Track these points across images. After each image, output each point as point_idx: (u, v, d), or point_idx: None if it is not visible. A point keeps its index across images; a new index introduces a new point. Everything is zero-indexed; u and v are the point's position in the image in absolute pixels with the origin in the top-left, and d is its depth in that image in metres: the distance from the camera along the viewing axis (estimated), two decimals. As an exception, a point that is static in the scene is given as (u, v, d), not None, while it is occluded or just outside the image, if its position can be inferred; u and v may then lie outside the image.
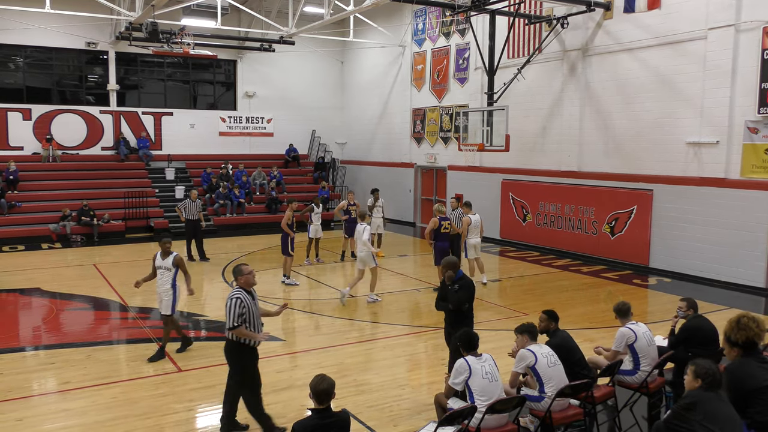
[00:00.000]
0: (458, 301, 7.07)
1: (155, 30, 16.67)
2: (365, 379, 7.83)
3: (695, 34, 13.48)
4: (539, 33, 17.06)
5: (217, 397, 7.30)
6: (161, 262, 8.64)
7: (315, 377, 4.68)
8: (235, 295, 6.04)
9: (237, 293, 6.07)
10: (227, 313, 6.00)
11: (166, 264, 8.61)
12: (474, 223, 13.12)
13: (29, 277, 14.07)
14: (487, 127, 15.02)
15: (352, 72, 26.41)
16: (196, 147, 24.23)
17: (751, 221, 12.68)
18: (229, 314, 5.98)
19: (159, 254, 8.70)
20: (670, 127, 14.12)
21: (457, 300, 7.07)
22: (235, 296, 6.03)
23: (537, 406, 5.81)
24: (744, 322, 4.81)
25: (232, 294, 6.07)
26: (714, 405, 4.24)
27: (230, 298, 6.03)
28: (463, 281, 7.16)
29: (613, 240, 15.47)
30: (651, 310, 11.65)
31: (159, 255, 8.69)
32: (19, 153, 21.38)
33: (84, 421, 6.69)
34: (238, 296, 6.03)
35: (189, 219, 15.88)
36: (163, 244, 8.67)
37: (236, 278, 6.22)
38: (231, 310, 5.97)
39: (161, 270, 8.64)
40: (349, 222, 15.99)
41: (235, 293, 6.07)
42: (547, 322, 6.53)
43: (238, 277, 6.19)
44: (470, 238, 13.12)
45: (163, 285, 8.62)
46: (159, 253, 8.70)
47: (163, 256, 8.65)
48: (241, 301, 6.00)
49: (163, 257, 8.65)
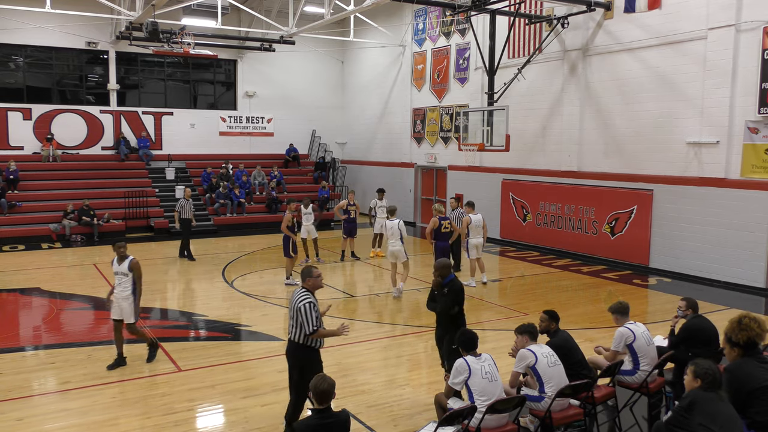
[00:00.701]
0: (445, 304, 7.02)
1: (155, 30, 16.67)
2: (365, 379, 7.83)
3: (695, 34, 13.48)
4: (539, 33, 17.06)
5: (217, 397, 7.33)
6: (117, 268, 8.22)
7: (315, 377, 4.70)
8: (307, 299, 5.95)
9: (308, 297, 5.98)
10: (304, 318, 5.87)
11: (122, 269, 8.19)
12: (475, 222, 13.12)
13: (29, 276, 14.07)
14: (488, 127, 15.02)
15: (352, 72, 26.41)
16: (197, 147, 24.24)
17: (751, 221, 12.68)
18: (306, 319, 5.87)
19: (115, 259, 8.27)
20: (670, 127, 14.12)
21: (444, 303, 7.03)
22: (307, 300, 5.93)
23: (537, 406, 5.81)
24: (745, 322, 4.81)
25: (303, 298, 5.95)
26: (714, 405, 4.25)
27: (303, 303, 5.90)
28: (452, 285, 7.07)
29: (613, 240, 15.47)
30: (651, 310, 11.65)
31: (115, 260, 8.26)
32: (19, 153, 21.38)
33: (84, 421, 6.69)
34: (310, 300, 5.96)
35: (186, 218, 15.92)
36: (118, 248, 8.21)
37: (304, 280, 6.14)
38: (308, 314, 5.87)
39: (118, 276, 8.23)
40: (348, 222, 15.99)
41: (305, 297, 5.97)
42: (548, 322, 6.54)
43: (307, 279, 6.11)
44: (472, 238, 13.12)
45: (122, 292, 8.21)
46: (115, 258, 8.27)
47: (119, 261, 8.22)
48: (314, 305, 5.94)
49: (119, 262, 8.22)
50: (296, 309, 5.92)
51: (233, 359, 8.64)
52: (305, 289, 6.08)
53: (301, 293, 6.02)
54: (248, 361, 8.62)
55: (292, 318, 6.02)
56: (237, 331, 10.16)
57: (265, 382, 7.73)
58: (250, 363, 8.55)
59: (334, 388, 4.64)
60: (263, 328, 10.23)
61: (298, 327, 5.95)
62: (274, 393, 7.39)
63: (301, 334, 5.95)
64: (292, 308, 6.00)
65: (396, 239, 12.38)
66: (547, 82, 17.08)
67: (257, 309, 11.48)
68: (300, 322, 5.90)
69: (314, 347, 6.06)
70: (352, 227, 15.99)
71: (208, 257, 16.49)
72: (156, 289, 13.01)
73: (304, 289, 6.07)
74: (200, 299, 12.19)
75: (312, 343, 6.02)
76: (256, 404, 7.08)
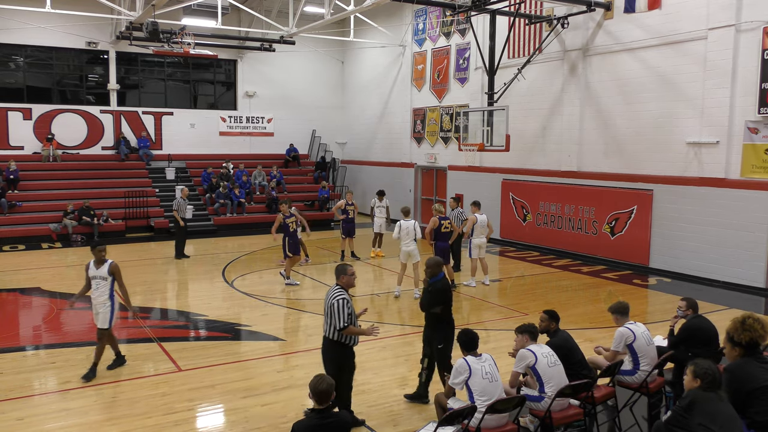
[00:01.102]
0: (427, 303, 6.95)
1: (156, 30, 16.68)
2: (365, 379, 7.83)
3: (695, 34, 13.48)
4: (539, 33, 17.06)
5: (217, 397, 7.33)
6: (95, 272, 7.92)
7: (314, 378, 4.70)
8: (341, 295, 6.07)
9: (341, 293, 6.10)
10: (336, 313, 5.98)
11: (101, 273, 7.91)
12: (480, 222, 13.12)
13: (29, 276, 14.07)
14: (488, 127, 15.03)
15: (352, 72, 26.41)
16: (197, 147, 24.24)
17: (751, 221, 12.68)
18: (338, 315, 5.98)
19: (92, 263, 7.96)
20: (670, 127, 14.13)
21: (426, 302, 6.96)
22: (340, 297, 6.05)
23: (537, 405, 5.82)
24: (749, 323, 4.82)
25: (336, 295, 6.07)
26: (713, 405, 4.25)
27: (335, 299, 6.02)
28: (437, 284, 6.95)
29: (613, 240, 15.47)
30: (651, 310, 11.65)
31: (92, 264, 7.95)
32: (19, 152, 21.38)
33: (84, 421, 6.69)
34: (344, 296, 6.07)
35: (183, 218, 15.97)
36: (99, 251, 7.91)
37: (338, 277, 6.26)
38: (340, 311, 5.98)
39: (96, 280, 7.92)
40: (347, 222, 16.00)
41: (339, 294, 6.09)
42: (548, 322, 6.54)
43: (341, 276, 6.23)
44: (475, 238, 13.12)
45: (99, 297, 7.93)
46: (92, 261, 7.97)
47: (98, 265, 7.92)
48: (347, 301, 6.05)
49: (97, 266, 7.92)
50: (329, 305, 6.06)
51: (233, 359, 8.64)
52: (339, 286, 6.21)
53: (335, 290, 6.15)
54: (248, 361, 8.63)
55: (326, 314, 6.14)
56: (237, 331, 10.16)
57: (264, 382, 7.73)
58: (250, 363, 8.56)
59: (334, 388, 4.64)
60: (263, 328, 10.24)
61: (330, 324, 6.07)
62: (274, 393, 7.39)
63: (334, 331, 6.06)
64: (326, 305, 6.12)
65: (411, 239, 12.42)
66: (547, 82, 17.08)
67: (257, 309, 11.48)
68: (332, 318, 6.01)
69: (347, 344, 6.17)
70: (350, 227, 15.99)
71: (208, 257, 16.50)
72: (156, 289, 13.02)
73: (338, 286, 6.21)
74: (200, 299, 12.19)
75: (345, 340, 6.13)
76: (256, 404, 7.08)
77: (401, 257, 12.48)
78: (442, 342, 6.87)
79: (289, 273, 13.22)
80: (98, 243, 8.25)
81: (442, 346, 6.87)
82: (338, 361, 6.20)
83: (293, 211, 13.90)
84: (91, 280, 7.98)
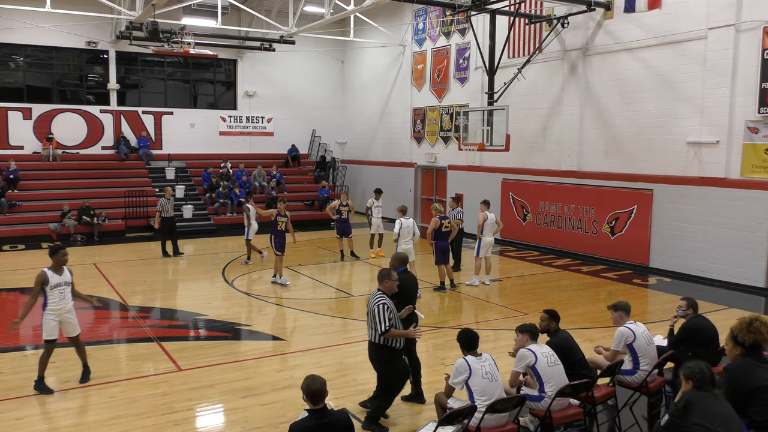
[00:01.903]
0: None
1: (155, 29, 16.67)
2: (365, 379, 7.82)
3: (695, 33, 13.48)
4: (539, 33, 17.06)
5: (216, 397, 7.33)
6: (59, 279, 7.36)
7: (306, 379, 4.68)
8: (381, 301, 6.18)
9: (382, 299, 6.21)
10: (377, 318, 6.10)
11: (65, 279, 7.42)
12: (489, 220, 13.12)
13: (29, 276, 13.97)
14: (488, 126, 15.03)
15: (352, 71, 26.41)
16: (197, 146, 24.25)
17: (751, 221, 12.68)
18: (379, 320, 6.10)
19: (50, 271, 7.31)
20: (670, 126, 14.12)
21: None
22: (381, 302, 6.16)
23: (537, 405, 5.81)
24: (756, 325, 4.81)
25: (377, 301, 6.18)
26: (710, 404, 4.23)
27: (376, 305, 6.15)
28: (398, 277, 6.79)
29: (613, 240, 15.47)
30: (651, 309, 11.64)
31: (50, 272, 7.31)
32: (19, 152, 21.38)
33: (83, 421, 6.69)
34: (384, 302, 6.18)
35: (165, 217, 15.98)
36: (63, 255, 7.39)
37: (381, 282, 6.37)
38: (381, 316, 6.10)
39: (61, 287, 7.37)
40: (340, 222, 16.01)
41: (380, 299, 6.20)
42: (548, 322, 6.54)
43: (384, 281, 6.34)
44: (485, 237, 13.11)
45: (67, 303, 7.45)
46: (49, 269, 7.32)
47: (59, 271, 7.38)
48: (387, 307, 6.16)
49: (59, 272, 7.38)
50: (371, 311, 6.21)
51: (233, 359, 8.63)
52: (381, 291, 6.33)
53: (377, 296, 6.27)
54: (248, 361, 8.62)
55: (368, 320, 6.30)
56: (237, 331, 10.16)
57: (264, 382, 7.73)
58: (249, 362, 8.55)
59: (326, 386, 4.63)
60: (263, 328, 10.24)
61: (373, 328, 6.22)
62: (273, 392, 7.39)
63: (377, 335, 6.21)
64: (368, 311, 6.28)
65: (409, 238, 12.45)
66: (547, 82, 17.08)
67: (257, 309, 11.49)
68: (375, 323, 6.15)
69: (393, 347, 6.29)
70: (345, 227, 16.01)
71: (208, 257, 16.50)
72: (156, 289, 13.02)
73: (380, 292, 6.32)
74: (200, 299, 12.18)
75: (390, 343, 6.26)
76: (256, 404, 7.08)
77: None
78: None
79: (280, 272, 13.20)
80: (60, 247, 7.44)
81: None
82: (381, 363, 6.39)
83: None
84: (52, 289, 7.30)
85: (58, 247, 7.46)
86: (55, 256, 7.38)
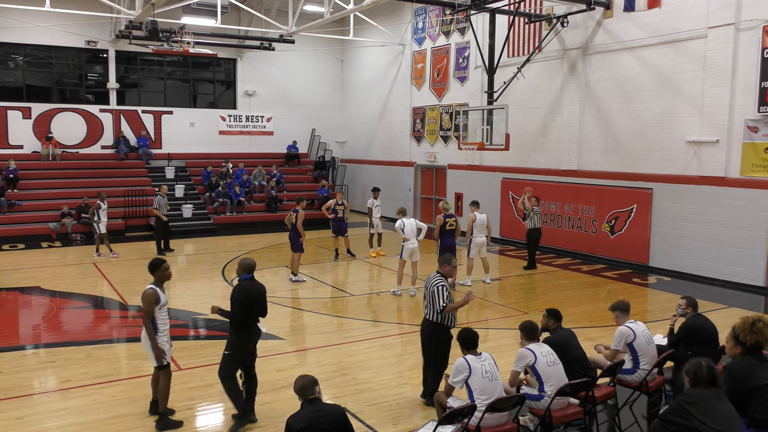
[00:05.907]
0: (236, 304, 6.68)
1: (155, 28, 16.66)
2: (365, 378, 7.83)
3: (695, 32, 13.48)
4: (539, 32, 17.05)
5: (216, 396, 7.32)
6: (165, 297, 6.61)
7: (297, 378, 4.82)
8: (440, 282, 6.81)
9: (441, 281, 6.84)
10: (437, 296, 6.71)
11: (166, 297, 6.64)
12: (479, 221, 13.10)
13: (29, 275, 14.07)
14: (487, 125, 15.02)
15: (352, 71, 26.40)
16: (196, 146, 24.24)
17: (751, 220, 12.68)
18: (439, 297, 6.71)
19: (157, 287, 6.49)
20: (670, 125, 14.12)
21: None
22: (440, 284, 6.79)
23: (537, 404, 5.82)
24: (759, 326, 4.81)
25: (437, 282, 6.81)
26: (708, 402, 4.22)
27: (436, 286, 6.77)
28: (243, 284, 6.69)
29: (613, 239, 15.47)
30: (651, 308, 11.65)
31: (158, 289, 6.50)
32: (19, 151, 21.38)
33: (84, 420, 6.69)
34: (443, 284, 6.82)
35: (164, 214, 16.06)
36: (164, 271, 6.58)
37: (441, 265, 7.04)
38: (440, 294, 6.71)
39: (166, 306, 6.66)
40: (336, 221, 16.00)
41: (439, 281, 6.83)
42: (547, 320, 6.54)
43: (444, 266, 7.02)
44: (475, 237, 13.11)
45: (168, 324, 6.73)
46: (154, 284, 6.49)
47: (163, 289, 6.62)
48: (446, 288, 6.80)
49: (163, 290, 6.61)
50: (431, 291, 6.79)
51: (233, 358, 8.62)
52: (440, 274, 6.97)
53: (436, 277, 6.91)
54: (248, 360, 8.60)
55: (426, 298, 6.88)
56: (237, 330, 10.13)
57: (264, 381, 7.70)
58: (249, 362, 8.53)
59: (317, 382, 4.77)
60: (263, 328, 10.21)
61: (431, 306, 6.79)
62: (273, 392, 7.39)
63: (434, 313, 6.77)
64: (428, 290, 6.85)
65: (414, 237, 12.47)
66: (546, 81, 17.07)
67: (257, 308, 11.47)
68: (433, 301, 6.74)
69: (446, 325, 6.86)
70: (340, 226, 16.00)
71: (208, 256, 16.50)
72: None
73: (438, 274, 6.96)
74: (200, 298, 12.18)
75: (444, 321, 6.82)
76: (256, 403, 7.07)
77: (403, 255, 12.46)
78: (229, 348, 6.50)
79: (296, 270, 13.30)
80: (162, 261, 6.63)
81: (228, 352, 6.50)
82: (434, 338, 6.87)
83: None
84: (160, 309, 6.54)
85: (159, 261, 6.54)
86: (156, 271, 6.47)
